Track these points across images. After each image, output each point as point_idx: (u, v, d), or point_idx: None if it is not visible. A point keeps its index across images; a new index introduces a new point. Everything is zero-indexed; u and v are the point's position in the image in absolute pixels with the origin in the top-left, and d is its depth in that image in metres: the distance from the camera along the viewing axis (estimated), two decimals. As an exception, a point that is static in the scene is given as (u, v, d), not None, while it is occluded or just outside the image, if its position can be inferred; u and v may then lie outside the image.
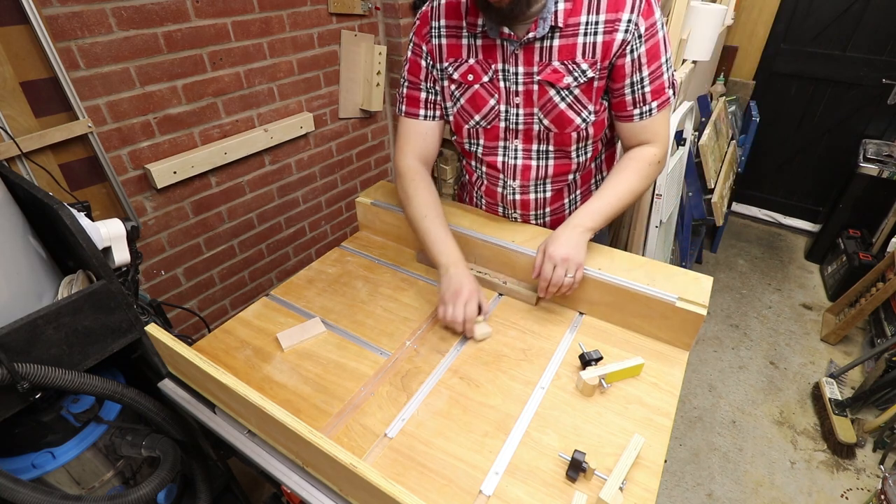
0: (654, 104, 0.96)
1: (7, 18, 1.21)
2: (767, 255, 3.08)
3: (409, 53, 1.06)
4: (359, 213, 1.32)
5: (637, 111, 0.97)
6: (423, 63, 1.04)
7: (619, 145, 1.16)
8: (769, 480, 1.80)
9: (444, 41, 1.00)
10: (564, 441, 0.80)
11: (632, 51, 0.90)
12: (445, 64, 1.02)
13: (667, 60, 0.93)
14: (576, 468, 0.72)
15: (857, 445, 1.87)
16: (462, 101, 1.03)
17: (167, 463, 0.97)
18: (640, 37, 0.89)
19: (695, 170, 2.38)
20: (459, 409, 0.85)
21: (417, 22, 1.04)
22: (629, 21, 0.87)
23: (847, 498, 1.74)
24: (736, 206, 3.48)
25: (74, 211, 0.86)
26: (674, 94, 0.97)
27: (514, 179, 1.10)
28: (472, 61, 0.99)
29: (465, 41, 0.98)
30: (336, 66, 2.13)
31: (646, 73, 0.92)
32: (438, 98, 1.07)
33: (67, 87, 1.33)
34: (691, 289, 0.95)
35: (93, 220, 0.94)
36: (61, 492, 0.82)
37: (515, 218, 1.19)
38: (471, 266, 1.15)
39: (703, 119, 2.42)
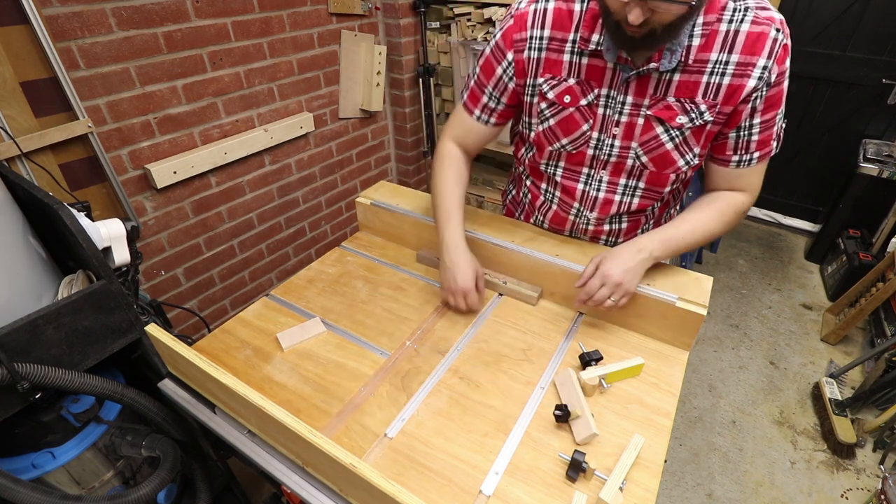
0: (756, 154, 0.87)
1: (7, 18, 1.21)
2: (767, 255, 3.07)
3: (488, 51, 0.96)
4: (359, 213, 1.32)
5: (736, 157, 0.88)
6: (500, 70, 0.94)
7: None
8: (769, 480, 1.80)
9: (542, 55, 0.89)
10: (564, 441, 0.80)
11: (756, 98, 0.81)
12: (540, 80, 0.91)
13: (782, 111, 0.85)
14: (576, 468, 0.72)
15: (857, 445, 1.87)
16: (551, 121, 0.94)
17: (167, 463, 0.97)
18: (768, 84, 0.80)
19: (695, 170, 2.38)
20: (459, 409, 0.85)
21: (511, 22, 0.90)
22: (764, 67, 0.78)
23: (847, 498, 1.74)
24: (736, 206, 3.48)
25: (74, 211, 0.86)
26: (777, 146, 0.88)
27: (591, 211, 1.02)
28: (571, 81, 0.88)
29: (567, 57, 0.87)
30: (336, 66, 2.14)
31: (758, 120, 0.83)
32: (499, 108, 1.00)
33: (67, 87, 1.33)
34: (691, 289, 0.95)
35: (93, 220, 0.94)
36: (61, 492, 0.83)
37: (584, 239, 1.14)
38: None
39: (703, 119, 2.41)
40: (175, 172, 1.66)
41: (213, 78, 1.69)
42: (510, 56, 0.92)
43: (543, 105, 0.93)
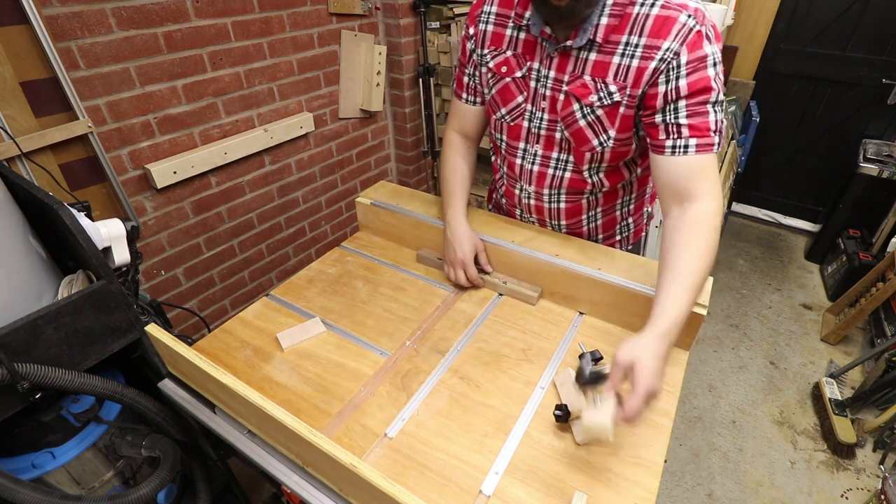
0: (693, 142, 0.82)
1: (7, 18, 1.21)
2: (767, 255, 3.08)
3: (462, 34, 1.07)
4: (359, 213, 1.32)
5: (669, 143, 0.84)
6: (469, 45, 1.05)
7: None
8: (769, 480, 1.80)
9: (490, 28, 0.99)
10: (564, 441, 0.80)
11: (667, 81, 0.81)
12: (486, 51, 1.01)
13: (715, 102, 0.82)
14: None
15: (857, 445, 1.87)
16: (493, 90, 1.02)
17: (167, 463, 0.97)
18: (678, 67, 0.80)
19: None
20: (459, 409, 0.85)
21: (475, 1, 1.04)
22: (668, 50, 0.80)
23: (847, 498, 1.74)
24: (736, 206, 3.48)
25: (74, 211, 0.86)
26: (719, 142, 0.83)
27: (529, 184, 1.08)
28: (509, 53, 0.97)
29: (508, 32, 0.97)
30: (336, 66, 2.13)
31: (682, 104, 0.82)
32: (476, 85, 1.09)
33: (67, 87, 1.33)
34: (691, 289, 0.94)
35: (93, 220, 0.94)
36: (61, 492, 0.83)
37: (532, 222, 1.18)
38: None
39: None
40: (175, 172, 1.66)
41: (213, 78, 1.69)
42: (471, 30, 1.03)
43: (489, 75, 1.02)
